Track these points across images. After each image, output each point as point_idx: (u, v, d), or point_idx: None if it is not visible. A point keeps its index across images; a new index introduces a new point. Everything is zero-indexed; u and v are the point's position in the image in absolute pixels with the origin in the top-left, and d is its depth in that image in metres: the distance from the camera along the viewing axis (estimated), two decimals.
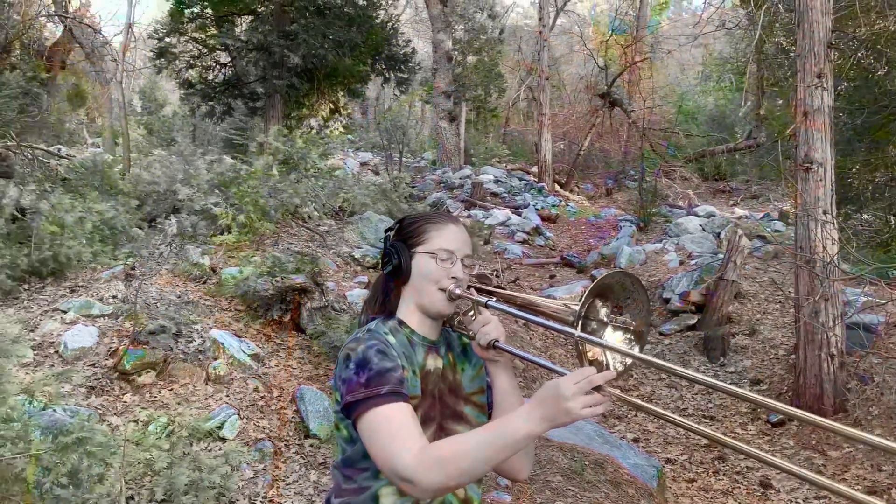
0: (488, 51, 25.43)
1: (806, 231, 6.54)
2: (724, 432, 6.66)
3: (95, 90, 22.70)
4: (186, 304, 5.74)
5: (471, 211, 15.01)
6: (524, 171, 22.21)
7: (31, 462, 2.91)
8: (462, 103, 24.31)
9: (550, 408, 1.40)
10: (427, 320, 1.82)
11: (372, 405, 1.55)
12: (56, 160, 9.70)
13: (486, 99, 26.36)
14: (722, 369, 7.61)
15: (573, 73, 29.32)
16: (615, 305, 1.75)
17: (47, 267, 5.86)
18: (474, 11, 25.31)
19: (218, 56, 14.75)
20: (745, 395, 1.40)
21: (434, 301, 1.78)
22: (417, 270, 1.79)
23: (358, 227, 7.87)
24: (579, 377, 1.40)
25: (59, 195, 6.38)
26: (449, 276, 1.78)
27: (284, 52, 12.90)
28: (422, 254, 1.79)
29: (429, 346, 1.81)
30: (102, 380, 4.69)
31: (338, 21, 13.50)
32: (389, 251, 1.84)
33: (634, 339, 1.76)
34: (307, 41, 12.87)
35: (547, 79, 20.29)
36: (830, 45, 6.79)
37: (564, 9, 26.53)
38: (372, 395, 1.56)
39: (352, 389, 1.59)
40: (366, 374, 1.59)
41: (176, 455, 4.11)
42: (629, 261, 10.64)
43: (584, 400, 1.38)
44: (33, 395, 3.36)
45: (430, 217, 1.88)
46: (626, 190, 20.89)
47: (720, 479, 5.87)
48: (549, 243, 13.91)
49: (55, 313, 5.26)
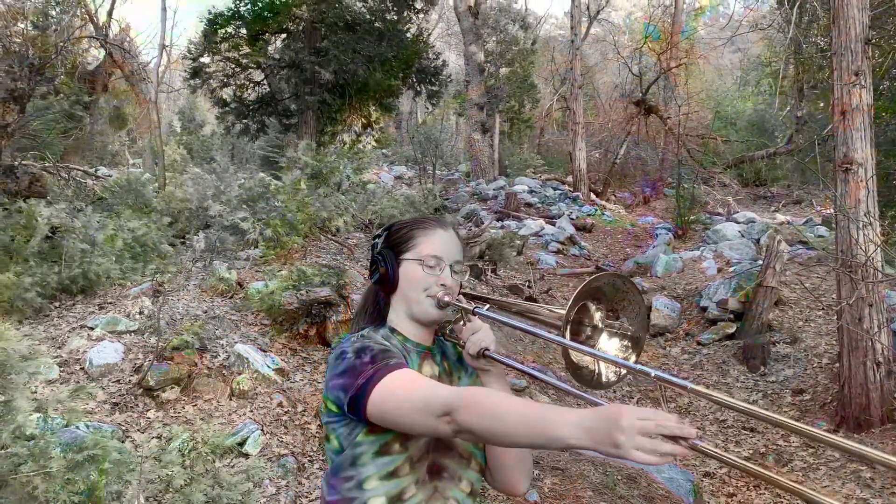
0: (521, 61, 25.37)
1: (847, 234, 6.29)
2: (765, 444, 6.42)
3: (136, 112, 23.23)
4: (212, 319, 5.75)
5: (504, 222, 14.90)
6: (559, 180, 22.04)
7: (46, 480, 2.89)
8: (495, 114, 24.27)
9: (601, 429, 1.19)
10: (419, 328, 1.75)
11: (382, 376, 1.47)
12: (93, 180, 9.88)
13: (520, 110, 26.27)
14: (763, 379, 7.35)
15: (608, 81, 29.08)
16: (610, 309, 1.65)
17: (77, 284, 5.92)
18: (506, 23, 25.31)
19: (251, 74, 14.94)
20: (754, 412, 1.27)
21: (423, 309, 1.71)
22: (405, 278, 1.72)
23: None
24: (649, 415, 1.17)
25: (89, 213, 6.46)
26: (437, 284, 1.70)
27: (315, 68, 13.01)
28: (409, 261, 1.72)
29: (424, 352, 1.73)
30: (127, 396, 4.70)
31: (368, 36, 13.58)
32: (376, 259, 1.77)
33: (631, 345, 1.65)
34: (338, 57, 12.96)
35: (580, 87, 20.11)
36: (868, 42, 6.55)
37: (598, 18, 26.35)
38: (381, 367, 1.49)
39: (359, 373, 1.50)
40: (369, 354, 1.53)
41: (196, 472, 4.08)
42: (666, 269, 10.41)
43: (640, 441, 1.14)
44: (46, 412, 3.35)
45: (417, 223, 1.80)
46: (665, 198, 20.57)
47: (761, 493, 5.64)
48: (584, 253, 13.72)
49: (83, 330, 5.29)
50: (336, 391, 1.54)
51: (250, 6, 13.97)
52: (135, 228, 7.16)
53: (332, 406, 1.58)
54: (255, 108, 14.99)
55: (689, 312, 8.76)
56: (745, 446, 6.34)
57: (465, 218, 15.64)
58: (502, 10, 25.61)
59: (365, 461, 1.55)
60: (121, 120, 25.11)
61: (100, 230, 6.46)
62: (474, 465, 1.72)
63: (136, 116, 23.62)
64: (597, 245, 14.95)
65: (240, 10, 14.06)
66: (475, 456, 1.72)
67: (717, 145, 21.20)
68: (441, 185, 18.50)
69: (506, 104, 25.50)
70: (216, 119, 17.28)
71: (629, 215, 19.05)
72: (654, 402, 7.36)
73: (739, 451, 6.30)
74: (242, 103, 14.91)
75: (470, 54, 21.24)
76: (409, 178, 20.89)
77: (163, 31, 12.06)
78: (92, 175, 10.34)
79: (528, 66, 25.92)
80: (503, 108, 25.39)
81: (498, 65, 24.90)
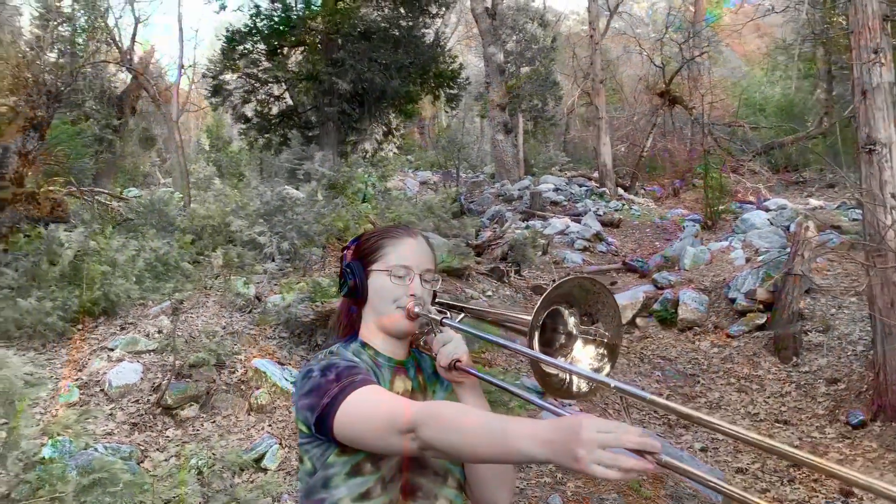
0: (541, 59, 25.20)
1: (873, 217, 6.09)
2: (799, 437, 6.25)
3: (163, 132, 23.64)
4: (231, 335, 5.78)
5: (529, 222, 14.79)
6: (586, 177, 21.83)
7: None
8: (518, 114, 24.15)
9: (560, 441, 1.14)
10: (391, 340, 1.71)
11: (348, 393, 1.43)
12: (117, 202, 10.04)
13: (543, 108, 26.10)
14: (795, 369, 7.15)
15: (632, 74, 28.77)
16: (585, 313, 1.59)
17: (99, 306, 6.00)
18: (525, 22, 25.18)
19: (271, 89, 15.06)
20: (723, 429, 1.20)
21: (394, 321, 1.67)
22: (374, 290, 1.69)
23: None
24: (611, 428, 1.11)
25: (109, 235, 6.54)
26: (407, 294, 1.66)
27: (333, 79, 13.05)
28: (378, 272, 1.68)
29: (396, 366, 1.69)
30: (146, 416, 4.74)
31: (384, 44, 13.59)
32: (345, 271, 1.73)
33: (607, 353, 1.59)
34: (354, 66, 12.99)
35: (601, 82, 19.91)
36: (886, 18, 6.36)
37: (618, 10, 26.07)
38: (347, 384, 1.45)
39: (324, 392, 1.46)
40: (334, 372, 1.49)
41: (214, 489, 4.09)
42: (693, 261, 10.22)
43: (600, 455, 1.08)
44: (53, 436, 3.38)
45: (386, 232, 1.77)
46: (694, 189, 20.23)
47: (795, 488, 5.48)
48: (611, 249, 13.55)
49: (103, 351, 5.36)
50: (304, 412, 1.51)
51: (266, 21, 14.08)
52: (156, 248, 7.24)
53: (302, 427, 1.55)
54: (276, 122, 15.10)
55: (718, 305, 8.57)
56: (777, 439, 6.15)
57: (491, 220, 15.57)
58: (520, 10, 25.49)
59: (337, 483, 1.51)
60: (150, 141, 25.59)
61: (120, 251, 6.54)
62: (451, 482, 1.67)
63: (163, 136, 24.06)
64: (625, 240, 14.75)
65: (257, 25, 14.18)
66: (452, 472, 1.67)
67: (745, 133, 20.81)
68: (465, 188, 18.50)
69: (528, 103, 25.35)
70: (239, 135, 17.47)
71: (658, 208, 18.78)
72: (684, 397, 7.22)
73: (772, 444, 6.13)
74: (264, 118, 15.03)
75: (489, 55, 21.16)
76: (434, 182, 20.89)
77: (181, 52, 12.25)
78: (117, 197, 10.51)
79: (549, 63, 25.73)
80: (526, 108, 25.25)
81: (518, 64, 24.76)
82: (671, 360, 7.93)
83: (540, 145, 26.77)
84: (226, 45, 14.23)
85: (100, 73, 20.49)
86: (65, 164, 10.88)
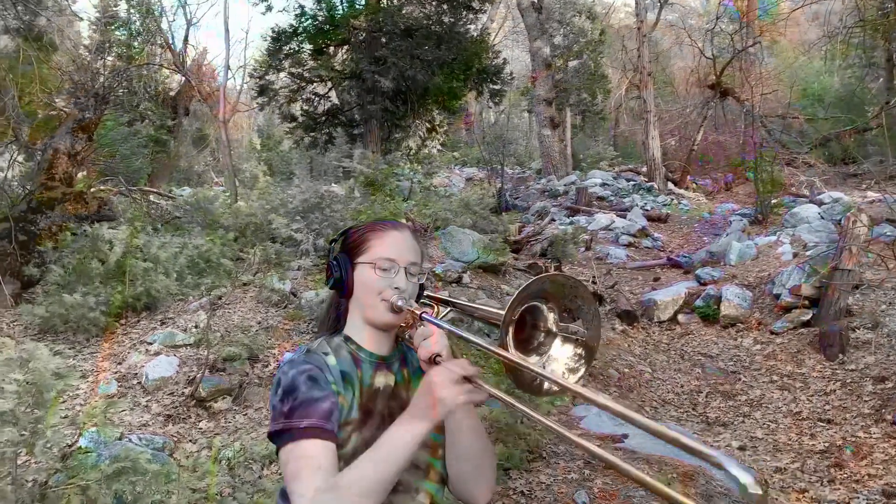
0: (589, 53, 24.91)
1: None
2: (843, 436, 6.05)
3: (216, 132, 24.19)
4: (266, 330, 5.89)
5: (574, 217, 14.66)
6: (635, 171, 21.54)
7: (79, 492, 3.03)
8: (565, 109, 23.93)
9: (426, 402, 1.40)
10: (376, 334, 1.71)
11: (288, 440, 1.48)
12: (166, 201, 10.32)
13: (592, 102, 25.80)
14: (841, 367, 6.92)
15: (683, 66, 28.22)
16: (564, 309, 1.57)
17: (140, 302, 6.19)
18: (572, 15, 24.93)
19: (316, 88, 15.26)
20: None
21: (378, 313, 1.67)
22: (359, 282, 1.69)
23: (441, 241, 7.83)
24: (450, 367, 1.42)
25: (150, 233, 6.74)
26: (391, 287, 1.66)
27: (375, 77, 13.16)
28: (363, 264, 1.69)
29: (377, 362, 1.69)
30: (180, 408, 4.87)
31: (426, 41, 13.64)
32: (331, 264, 1.75)
33: (584, 353, 1.57)
34: (396, 64, 13.08)
35: (649, 75, 19.58)
36: None
37: (669, 2, 25.56)
38: (291, 427, 1.48)
39: (275, 418, 1.52)
40: (290, 402, 1.51)
41: (241, 480, 4.19)
42: (739, 257, 9.98)
43: (455, 390, 1.38)
44: (83, 426, 3.51)
45: (372, 225, 1.77)
46: (747, 183, 19.74)
47: (836, 488, 5.31)
48: (657, 245, 13.33)
49: (142, 345, 5.53)
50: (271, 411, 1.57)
51: (311, 21, 14.28)
52: (199, 245, 7.42)
53: None
54: (322, 120, 15.30)
55: (762, 301, 8.35)
56: (819, 439, 6.00)
57: (535, 216, 15.49)
58: (567, 3, 25.23)
59: None
60: (203, 141, 26.23)
61: (162, 249, 6.73)
62: (433, 475, 1.68)
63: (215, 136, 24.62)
64: (672, 236, 14.50)
65: (302, 24, 14.39)
66: (434, 466, 1.69)
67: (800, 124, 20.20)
68: (509, 184, 18.43)
69: (576, 97, 25.09)
70: (285, 134, 17.74)
71: (709, 203, 18.40)
72: (724, 395, 7.08)
73: (815, 444, 5.96)
74: (310, 117, 15.25)
75: (535, 50, 21.02)
76: (480, 179, 20.86)
77: (227, 53, 12.52)
78: (166, 196, 10.81)
79: (597, 57, 25.42)
80: (574, 102, 25.01)
81: (566, 58, 24.53)
82: (712, 357, 7.77)
83: (588, 140, 26.48)
84: (272, 45, 14.48)
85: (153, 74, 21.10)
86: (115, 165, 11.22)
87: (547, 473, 4.76)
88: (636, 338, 8.37)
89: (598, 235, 12.87)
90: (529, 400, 2.02)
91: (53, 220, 6.95)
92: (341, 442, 1.52)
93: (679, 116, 24.59)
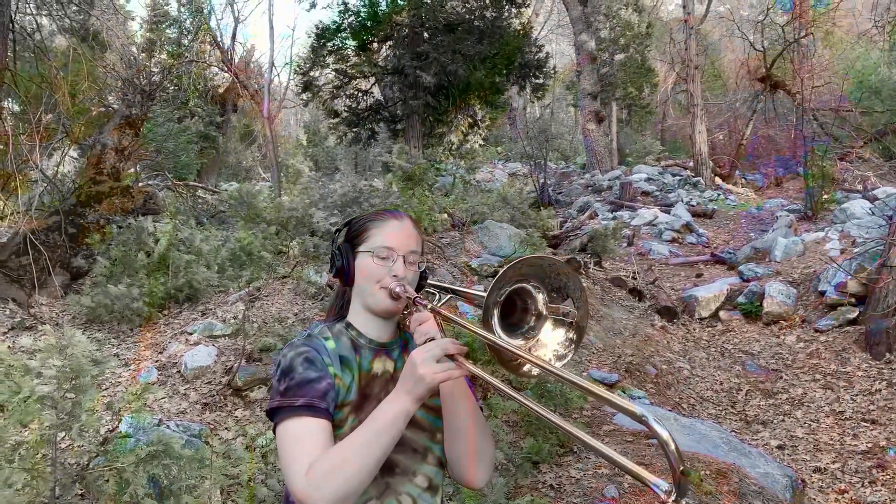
0: (636, 46, 24.56)
1: None
2: (887, 437, 5.89)
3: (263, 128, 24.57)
4: (302, 321, 5.99)
5: (617, 212, 14.51)
6: (682, 166, 21.19)
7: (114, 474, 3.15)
8: (611, 103, 23.66)
9: (409, 382, 1.46)
10: (376, 321, 1.76)
11: (283, 417, 1.53)
12: (211, 195, 10.56)
13: (638, 96, 25.45)
14: (888, 366, 6.73)
15: (733, 59, 27.61)
16: (553, 289, 1.59)
17: (182, 293, 6.35)
18: (618, 8, 24.60)
19: (359, 84, 15.38)
20: None
21: (377, 301, 1.72)
22: (360, 271, 1.75)
23: (478, 236, 7.84)
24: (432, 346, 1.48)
25: (193, 227, 6.90)
26: (390, 274, 1.70)
27: (417, 72, 13.21)
28: (363, 253, 1.74)
29: (377, 348, 1.74)
30: (217, 396, 4.99)
31: (468, 36, 13.62)
32: (334, 253, 1.80)
33: (574, 337, 1.58)
34: (437, 59, 13.10)
35: (696, 68, 19.22)
36: None
37: None
38: (286, 405, 1.54)
39: (272, 396, 1.59)
40: (286, 382, 1.57)
41: (274, 468, 4.28)
42: (785, 253, 9.75)
43: (437, 367, 1.44)
44: (119, 412, 3.63)
45: (373, 215, 1.82)
46: (799, 178, 19.24)
47: (877, 489, 5.19)
48: (702, 241, 13.11)
49: (182, 336, 5.68)
50: None
51: (354, 18, 14.40)
52: (241, 238, 7.58)
53: None
54: (365, 116, 15.41)
55: (807, 298, 8.16)
56: (862, 439, 5.85)
57: (579, 211, 15.38)
58: None
59: None
60: (251, 136, 26.67)
61: (205, 241, 6.89)
62: (431, 459, 1.72)
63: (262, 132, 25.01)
64: (718, 231, 14.24)
65: (346, 21, 14.52)
66: (432, 450, 1.72)
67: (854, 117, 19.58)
68: (553, 179, 18.32)
69: (622, 91, 24.78)
70: (329, 129, 17.92)
71: (758, 198, 18.00)
72: (764, 393, 6.95)
73: (857, 444, 5.82)
74: (353, 112, 15.38)
75: (580, 43, 20.82)
76: (524, 174, 20.78)
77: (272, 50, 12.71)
78: (211, 190, 11.05)
79: (644, 50, 25.04)
80: (620, 96, 24.70)
81: (612, 51, 24.23)
82: (753, 355, 7.63)
83: (634, 134, 26.13)
84: (315, 42, 14.64)
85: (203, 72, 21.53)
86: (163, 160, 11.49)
87: (577, 468, 4.75)
88: (675, 334, 8.27)
89: (640, 231, 12.73)
90: None
91: (101, 214, 7.18)
92: (338, 422, 1.57)
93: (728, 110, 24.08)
